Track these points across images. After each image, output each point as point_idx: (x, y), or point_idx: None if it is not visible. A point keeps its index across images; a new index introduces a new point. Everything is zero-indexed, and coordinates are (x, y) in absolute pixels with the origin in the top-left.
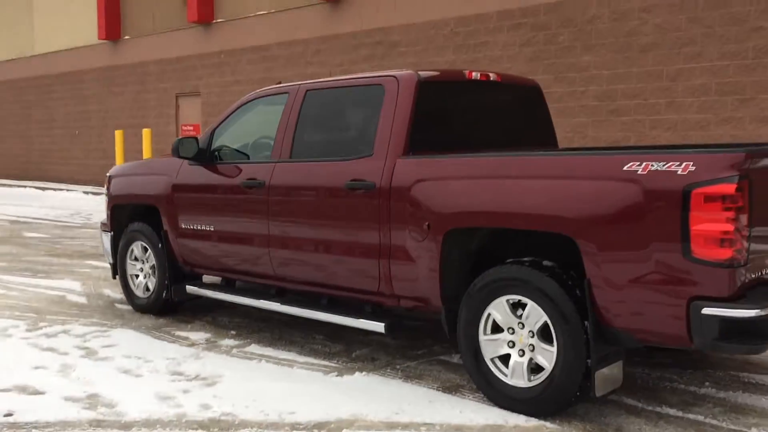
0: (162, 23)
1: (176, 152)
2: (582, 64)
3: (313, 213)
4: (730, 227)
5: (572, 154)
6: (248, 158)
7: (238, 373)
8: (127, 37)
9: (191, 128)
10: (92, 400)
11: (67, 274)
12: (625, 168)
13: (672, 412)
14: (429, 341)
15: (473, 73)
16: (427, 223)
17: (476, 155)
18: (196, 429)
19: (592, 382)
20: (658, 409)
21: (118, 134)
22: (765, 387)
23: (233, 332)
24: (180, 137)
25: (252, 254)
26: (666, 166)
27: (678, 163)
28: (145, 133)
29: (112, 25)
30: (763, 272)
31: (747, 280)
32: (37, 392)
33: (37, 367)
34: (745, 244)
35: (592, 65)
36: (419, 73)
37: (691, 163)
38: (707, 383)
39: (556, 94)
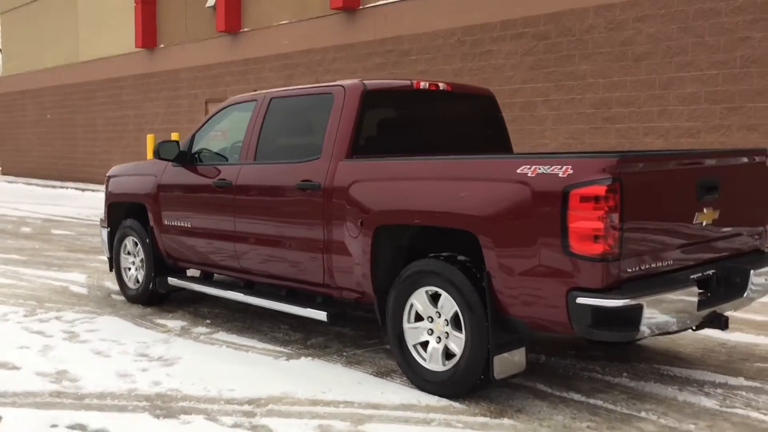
0: (194, 33)
1: (156, 154)
2: (579, 72)
3: (270, 211)
4: (601, 225)
5: (476, 158)
6: (225, 160)
7: (197, 356)
8: (162, 46)
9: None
10: (59, 376)
11: (77, 267)
12: (517, 171)
13: (577, 397)
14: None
15: (422, 84)
16: (360, 220)
17: (402, 159)
18: (141, 401)
19: (491, 365)
20: (565, 394)
21: (150, 138)
22: (677, 378)
23: (208, 321)
24: (162, 140)
25: (222, 249)
26: (550, 169)
27: (560, 166)
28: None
29: (148, 34)
30: (656, 264)
31: (625, 273)
32: (14, 368)
33: (21, 347)
34: (618, 240)
35: (589, 73)
36: (365, 83)
37: (570, 166)
38: (625, 374)
39: (555, 101)
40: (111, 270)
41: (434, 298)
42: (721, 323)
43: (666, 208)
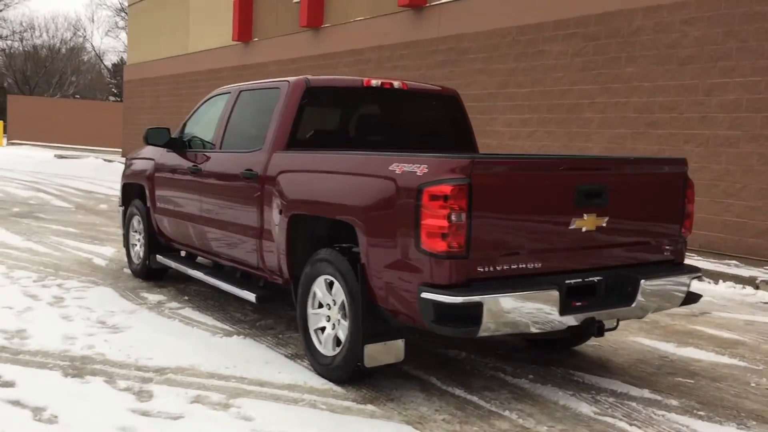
0: (283, 27)
1: (145, 140)
2: (625, 75)
3: (222, 197)
4: (446, 223)
5: (359, 154)
6: (207, 147)
7: (146, 327)
8: (255, 39)
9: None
10: (16, 334)
11: (113, 243)
12: (389, 168)
13: (459, 392)
14: None
15: (373, 82)
16: (280, 209)
17: (314, 152)
18: (65, 361)
19: (362, 354)
20: (451, 389)
21: None
22: (580, 384)
23: (186, 298)
24: (151, 127)
25: (191, 230)
26: (412, 167)
27: (419, 165)
28: None
29: (244, 28)
30: (518, 266)
31: (476, 272)
32: None
33: (6, 307)
34: (465, 239)
35: (635, 77)
36: (309, 79)
37: (426, 165)
38: (530, 376)
39: (600, 104)
40: (124, 245)
41: (330, 286)
42: (595, 330)
43: (530, 211)
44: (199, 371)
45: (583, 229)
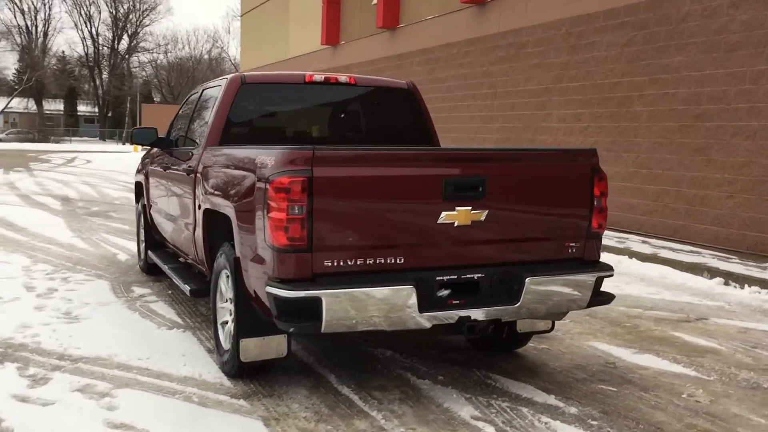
0: (365, 29)
1: (130, 140)
2: (674, 65)
3: (175, 192)
4: (284, 216)
5: (241, 149)
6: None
7: (104, 319)
8: (343, 42)
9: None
10: None
11: None
12: (255, 160)
13: (345, 390)
14: None
15: (315, 77)
16: (198, 204)
17: (228, 148)
18: (1, 348)
19: (237, 348)
20: (340, 387)
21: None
22: (488, 388)
23: (170, 293)
24: (137, 127)
25: (163, 225)
26: (268, 159)
27: (271, 156)
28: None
29: (332, 32)
30: (375, 261)
31: (323, 266)
32: None
33: None
34: (307, 233)
35: (683, 66)
36: (245, 75)
37: (274, 157)
38: (440, 377)
39: (650, 96)
40: (137, 242)
41: (228, 281)
42: (465, 330)
43: (386, 204)
44: (111, 361)
45: (456, 224)
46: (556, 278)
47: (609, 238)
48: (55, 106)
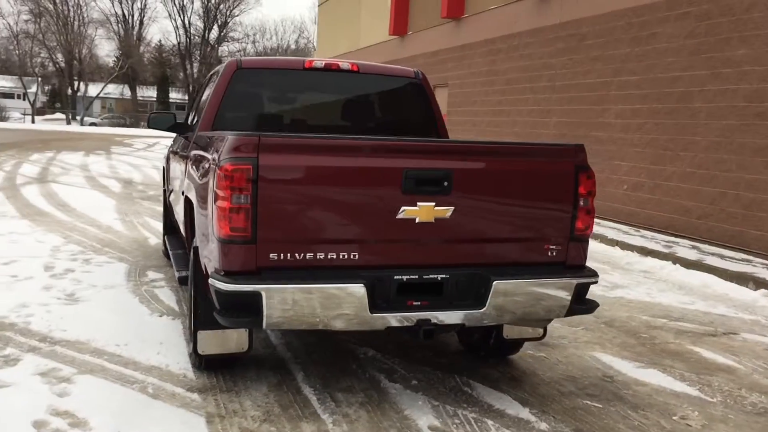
0: (431, 20)
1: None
2: (736, 58)
3: (176, 177)
4: (227, 205)
5: (206, 134)
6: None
7: (102, 303)
8: (410, 33)
9: None
10: None
11: None
12: (211, 146)
13: (307, 390)
14: None
15: (315, 63)
16: (182, 189)
17: (205, 133)
18: None
19: (195, 340)
20: (303, 386)
21: None
22: (453, 395)
23: None
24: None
25: (173, 210)
26: (220, 145)
27: (222, 142)
28: None
29: (400, 22)
30: (326, 256)
31: (270, 260)
32: None
33: (11, 275)
34: (250, 223)
35: (746, 60)
36: (242, 60)
37: (224, 143)
38: (414, 382)
39: (710, 92)
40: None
41: None
42: (420, 334)
43: (339, 196)
44: (87, 346)
45: (417, 220)
46: (527, 282)
47: (656, 241)
48: (148, 93)
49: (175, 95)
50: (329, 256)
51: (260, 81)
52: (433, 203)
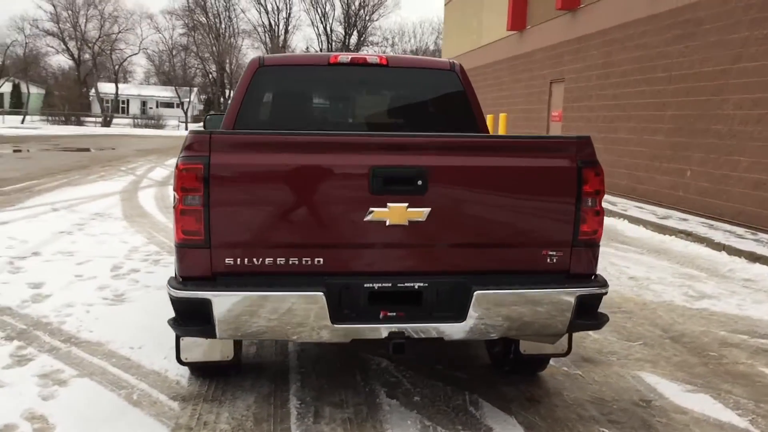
0: (547, 12)
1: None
2: None
3: None
4: (180, 207)
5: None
6: None
7: (144, 304)
8: (528, 27)
9: (555, 114)
10: (36, 287)
11: None
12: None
13: (294, 403)
14: None
15: (341, 57)
16: None
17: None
18: (26, 322)
19: (177, 346)
20: (293, 398)
21: (502, 118)
22: (454, 414)
23: None
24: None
25: None
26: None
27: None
28: (502, 117)
29: (518, 17)
30: (286, 261)
31: (224, 264)
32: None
33: (76, 276)
34: (203, 226)
35: None
36: (264, 58)
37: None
38: (416, 398)
39: None
40: None
41: None
42: (391, 347)
43: (300, 196)
44: (103, 348)
45: (388, 222)
46: (513, 294)
47: (765, 244)
48: None
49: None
50: (291, 262)
51: (283, 79)
52: (406, 204)
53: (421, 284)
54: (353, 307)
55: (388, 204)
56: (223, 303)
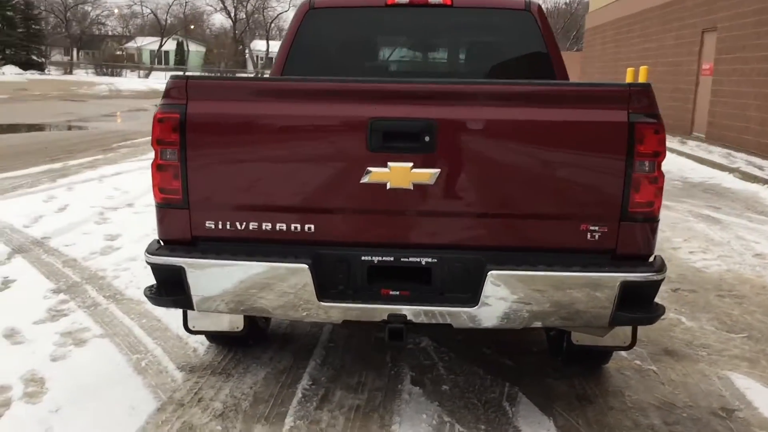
0: None
1: None
2: None
3: None
4: (157, 162)
5: None
6: None
7: None
8: None
9: (706, 68)
10: (113, 239)
11: None
12: None
13: (305, 383)
14: None
15: None
16: None
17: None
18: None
19: (185, 313)
20: (306, 381)
21: (629, 72)
22: (490, 413)
23: None
24: None
25: None
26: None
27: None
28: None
29: None
30: (272, 227)
31: (204, 228)
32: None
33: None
34: (181, 183)
35: None
36: (313, 0)
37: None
38: (445, 387)
39: None
40: None
41: None
42: (387, 334)
43: (289, 153)
44: (140, 307)
45: (389, 185)
46: (538, 275)
47: None
48: None
49: None
50: (278, 228)
51: (336, 22)
52: (410, 164)
53: (429, 260)
54: (350, 283)
55: (389, 164)
56: (197, 271)
